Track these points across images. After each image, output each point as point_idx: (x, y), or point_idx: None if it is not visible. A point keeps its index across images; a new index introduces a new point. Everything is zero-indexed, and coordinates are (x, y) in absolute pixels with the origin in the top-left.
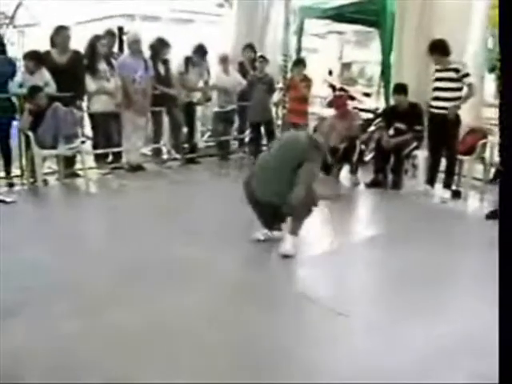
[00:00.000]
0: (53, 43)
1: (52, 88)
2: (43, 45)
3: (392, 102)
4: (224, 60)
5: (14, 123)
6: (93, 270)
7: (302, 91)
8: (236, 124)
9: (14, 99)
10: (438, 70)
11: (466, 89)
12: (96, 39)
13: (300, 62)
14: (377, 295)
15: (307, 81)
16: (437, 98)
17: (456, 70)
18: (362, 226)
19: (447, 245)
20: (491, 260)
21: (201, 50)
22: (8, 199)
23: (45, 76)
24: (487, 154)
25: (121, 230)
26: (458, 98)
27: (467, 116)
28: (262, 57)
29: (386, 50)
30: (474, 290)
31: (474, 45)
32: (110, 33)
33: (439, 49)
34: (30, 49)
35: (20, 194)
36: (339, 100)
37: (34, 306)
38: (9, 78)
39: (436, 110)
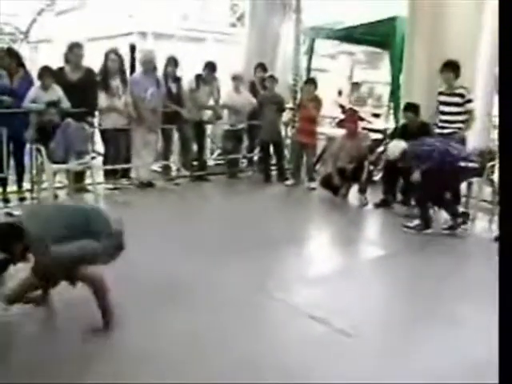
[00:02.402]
0: (66, 59)
1: (65, 104)
2: (55, 61)
3: (402, 120)
4: (236, 79)
5: None
6: None
7: (311, 111)
8: (246, 143)
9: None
10: (442, 94)
11: (467, 115)
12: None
13: (311, 82)
14: (382, 315)
15: (317, 101)
16: (442, 121)
17: (461, 96)
18: (370, 245)
19: (453, 265)
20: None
21: (210, 67)
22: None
23: (58, 92)
24: (496, 176)
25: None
26: (463, 122)
27: (476, 138)
28: (271, 76)
29: (396, 71)
30: (484, 313)
31: (484, 66)
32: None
33: (452, 69)
34: (42, 65)
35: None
36: (350, 118)
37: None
38: (24, 94)
39: (442, 132)
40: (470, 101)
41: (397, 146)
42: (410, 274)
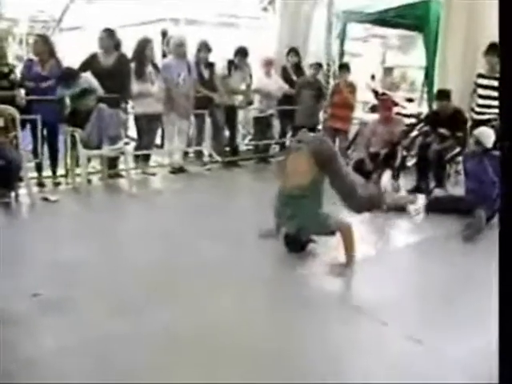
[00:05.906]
0: (100, 46)
1: (98, 91)
2: (87, 48)
3: (435, 107)
4: (267, 64)
5: None
6: (131, 269)
7: (346, 96)
8: (277, 128)
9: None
10: (482, 76)
11: None
12: (144, 42)
13: (344, 67)
14: (418, 303)
15: (351, 86)
16: (480, 106)
17: None
18: (403, 232)
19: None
20: None
21: (242, 52)
22: (52, 198)
23: (91, 79)
24: None
25: (161, 229)
26: None
27: None
28: (318, 64)
29: (430, 55)
30: None
31: None
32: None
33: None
34: (74, 52)
35: (64, 192)
36: (385, 103)
37: (75, 303)
38: (58, 81)
39: (479, 117)
40: None
41: None
42: (443, 259)
